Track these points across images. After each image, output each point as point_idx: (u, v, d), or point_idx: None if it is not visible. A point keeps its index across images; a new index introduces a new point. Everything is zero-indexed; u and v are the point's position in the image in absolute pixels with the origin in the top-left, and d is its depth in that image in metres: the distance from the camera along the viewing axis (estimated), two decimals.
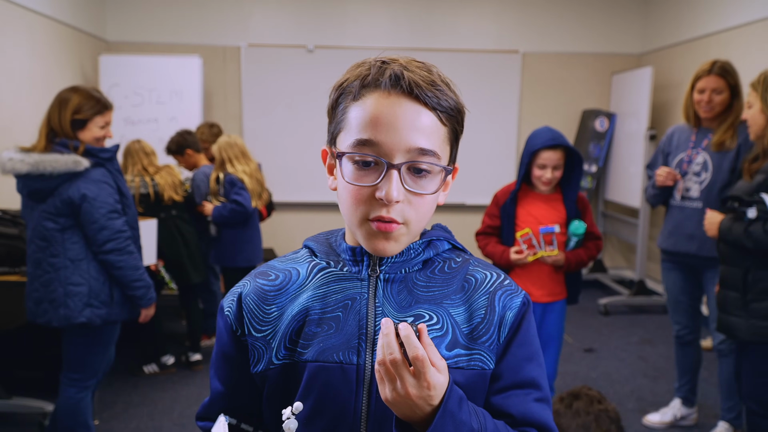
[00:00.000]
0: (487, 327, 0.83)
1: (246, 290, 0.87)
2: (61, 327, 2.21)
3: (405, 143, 0.76)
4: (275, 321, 0.84)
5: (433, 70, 0.80)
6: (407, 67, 0.78)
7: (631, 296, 4.86)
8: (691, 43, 4.68)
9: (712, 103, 2.58)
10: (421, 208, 0.80)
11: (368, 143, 0.76)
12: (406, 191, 0.78)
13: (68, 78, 4.26)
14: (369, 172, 0.77)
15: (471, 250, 1.00)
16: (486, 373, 0.82)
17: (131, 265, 2.22)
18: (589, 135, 5.24)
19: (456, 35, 5.30)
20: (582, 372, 3.57)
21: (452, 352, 0.81)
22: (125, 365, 3.52)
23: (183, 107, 4.61)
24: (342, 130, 0.80)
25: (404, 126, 0.76)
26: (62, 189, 2.13)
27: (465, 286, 0.85)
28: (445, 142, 0.81)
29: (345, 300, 0.83)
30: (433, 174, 0.79)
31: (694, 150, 2.68)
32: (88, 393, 2.34)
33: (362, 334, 0.81)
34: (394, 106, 0.76)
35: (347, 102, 0.80)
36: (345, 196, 0.80)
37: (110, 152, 2.22)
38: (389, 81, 0.77)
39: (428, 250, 0.87)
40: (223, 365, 0.89)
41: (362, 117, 0.77)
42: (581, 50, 5.42)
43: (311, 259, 0.88)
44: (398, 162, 0.76)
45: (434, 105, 0.78)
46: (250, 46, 5.12)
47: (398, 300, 0.83)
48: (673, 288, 2.83)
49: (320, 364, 0.80)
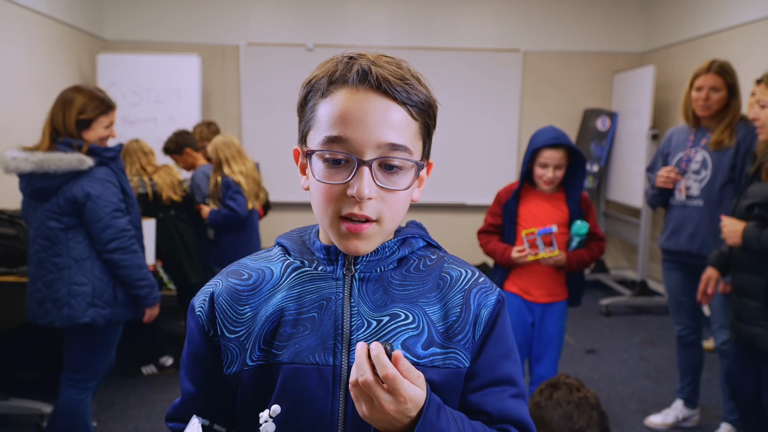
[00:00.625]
0: (462, 325, 0.83)
1: (218, 290, 0.86)
2: (63, 327, 2.22)
3: (375, 139, 0.76)
4: (249, 322, 0.84)
5: (403, 65, 0.80)
6: (375, 62, 0.78)
7: (632, 297, 4.87)
8: (693, 41, 4.69)
9: (709, 101, 2.60)
10: (395, 205, 0.79)
11: (338, 140, 0.76)
12: (378, 188, 0.77)
13: (66, 77, 4.27)
14: (340, 170, 0.77)
15: (473, 249, 1.01)
16: (461, 371, 0.83)
17: (135, 264, 2.24)
18: (591, 134, 5.26)
19: (456, 34, 5.31)
20: (583, 373, 3.58)
21: (428, 351, 0.81)
22: (123, 366, 3.52)
23: (181, 106, 4.62)
24: (311, 128, 0.80)
25: (374, 121, 0.76)
26: (66, 188, 2.14)
27: (440, 284, 0.85)
28: (417, 137, 0.80)
29: (320, 300, 0.82)
30: (406, 169, 0.79)
31: (692, 149, 2.70)
32: (88, 394, 2.35)
33: (338, 334, 0.81)
34: (362, 101, 0.76)
35: (316, 99, 0.79)
36: (316, 195, 0.80)
37: (114, 151, 2.23)
38: (356, 76, 0.76)
39: (403, 248, 0.87)
40: (194, 366, 0.88)
41: (331, 114, 0.77)
42: (583, 49, 5.43)
43: (285, 258, 0.88)
44: (369, 158, 0.76)
45: (404, 99, 0.77)
46: (249, 45, 5.13)
47: (374, 299, 0.83)
48: (675, 288, 2.84)
49: (296, 366, 0.80)
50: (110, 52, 4.83)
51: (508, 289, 2.50)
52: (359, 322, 0.81)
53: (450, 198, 5.42)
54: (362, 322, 0.81)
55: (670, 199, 2.78)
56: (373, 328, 0.81)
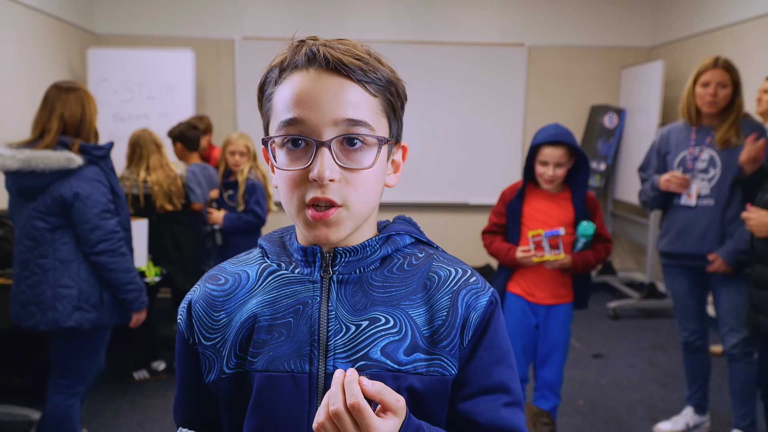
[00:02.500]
0: (449, 330, 0.80)
1: (195, 296, 0.86)
2: (48, 331, 2.21)
3: (331, 116, 0.75)
4: (224, 328, 0.83)
5: (360, 46, 0.79)
6: (327, 44, 0.78)
7: (641, 299, 4.86)
8: (704, 35, 4.69)
9: (716, 97, 2.60)
10: (361, 186, 0.77)
11: (293, 122, 0.76)
12: (340, 168, 0.75)
13: (55, 72, 4.27)
14: (299, 155, 0.76)
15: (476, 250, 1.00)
16: (447, 379, 0.80)
17: (123, 268, 2.23)
18: (598, 132, 5.25)
19: (459, 28, 5.30)
20: (590, 378, 3.58)
21: (411, 357, 0.79)
22: (115, 371, 3.52)
23: (175, 103, 4.61)
24: (270, 119, 0.80)
25: (327, 99, 0.75)
26: (54, 187, 2.14)
27: (427, 285, 0.82)
28: (379, 114, 0.79)
29: (296, 305, 0.81)
30: (368, 146, 0.77)
31: (697, 147, 2.69)
32: (76, 400, 2.34)
33: (314, 340, 0.79)
34: (314, 81, 0.76)
35: (270, 88, 0.80)
36: (281, 186, 0.79)
37: (104, 150, 2.23)
38: (305, 58, 0.77)
39: (386, 246, 0.84)
40: (180, 374, 0.90)
41: (284, 98, 0.77)
42: (589, 43, 5.42)
43: (262, 261, 0.87)
44: (327, 138, 0.75)
45: (359, 78, 0.76)
46: (245, 39, 5.12)
47: (352, 303, 0.81)
48: (681, 293, 2.83)
49: (270, 374, 0.79)
50: (101, 47, 4.82)
51: (511, 290, 2.49)
52: (337, 327, 0.79)
53: (452, 197, 5.42)
54: (340, 327, 0.79)
55: (674, 200, 2.77)
56: (351, 334, 0.79)
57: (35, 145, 2.13)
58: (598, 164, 5.22)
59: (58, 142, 2.14)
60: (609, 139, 5.21)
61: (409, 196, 5.25)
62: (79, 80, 4.56)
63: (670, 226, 2.79)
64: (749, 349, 2.65)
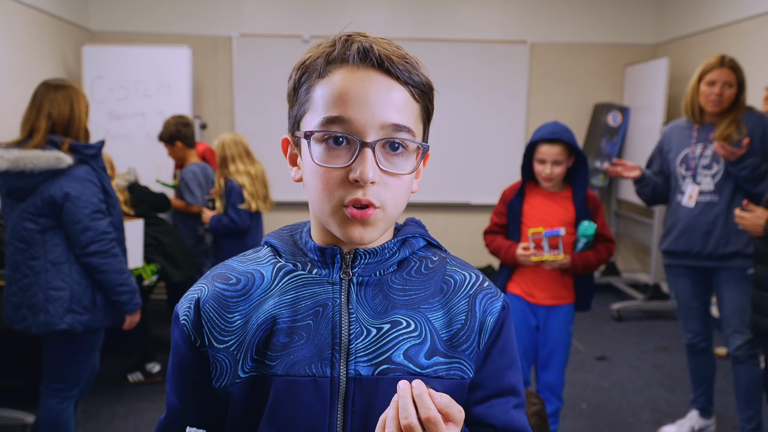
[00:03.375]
0: (468, 334, 0.82)
1: (204, 295, 0.84)
2: (40, 334, 2.21)
3: (378, 119, 0.75)
4: (239, 330, 0.81)
5: (402, 47, 0.80)
6: (375, 42, 0.77)
7: (645, 301, 4.86)
8: (710, 32, 4.68)
9: (722, 97, 2.61)
10: (398, 191, 0.78)
11: (338, 121, 0.75)
12: (381, 172, 0.76)
13: (50, 70, 4.26)
14: (339, 153, 0.75)
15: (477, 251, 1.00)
16: (465, 382, 0.82)
17: (116, 269, 2.22)
18: (601, 130, 5.24)
19: (460, 24, 5.29)
20: (593, 381, 3.57)
21: (431, 361, 0.80)
22: (110, 374, 3.51)
23: (171, 101, 4.60)
24: (307, 111, 0.78)
25: (376, 101, 0.75)
26: (43, 187, 2.13)
27: (444, 288, 0.84)
28: (419, 120, 0.80)
29: (316, 307, 0.80)
30: (409, 152, 0.78)
31: (699, 145, 2.70)
32: (70, 404, 2.34)
33: (336, 343, 0.79)
34: (363, 80, 0.75)
35: (311, 81, 0.78)
36: (314, 182, 0.77)
37: (95, 148, 2.22)
38: (357, 55, 0.75)
39: (404, 249, 0.85)
40: (181, 379, 0.86)
41: (330, 94, 0.76)
42: (593, 40, 5.42)
43: (275, 260, 0.85)
44: (372, 140, 0.74)
45: (406, 80, 0.77)
46: (243, 36, 5.12)
47: (373, 305, 0.81)
48: (685, 294, 2.82)
49: (290, 379, 0.78)
50: (96, 44, 4.81)
51: (510, 290, 2.49)
52: (358, 330, 0.79)
53: (453, 197, 5.41)
54: (361, 330, 0.79)
55: (677, 197, 2.77)
56: (373, 337, 0.79)
57: (24, 145, 2.12)
58: (601, 163, 5.21)
59: (48, 141, 2.14)
60: (613, 138, 5.21)
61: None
62: (74, 78, 4.56)
63: (673, 224, 2.79)
64: (754, 351, 2.65)
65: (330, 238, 0.82)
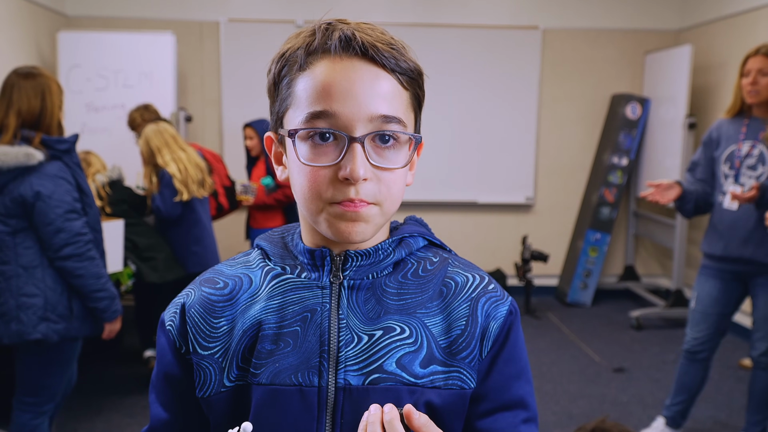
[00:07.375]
0: (468, 341, 0.82)
1: (190, 300, 0.85)
2: (12, 344, 2.21)
3: (365, 111, 0.75)
4: (225, 336, 0.83)
5: (386, 32, 0.80)
6: (358, 29, 0.77)
7: (666, 308, 4.85)
8: (736, 17, 4.67)
9: (757, 86, 2.62)
10: (392, 186, 0.78)
11: (322, 115, 0.75)
12: (372, 167, 0.76)
13: (22, 58, 4.26)
14: (327, 150, 0.76)
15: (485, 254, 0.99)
16: (466, 392, 0.81)
17: (92, 273, 2.22)
18: (619, 123, 5.24)
19: (467, 9, 5.29)
20: (610, 395, 3.57)
21: (427, 370, 0.80)
22: (87, 386, 3.51)
23: (153, 91, 4.60)
24: (290, 107, 0.79)
25: (362, 92, 0.75)
26: (12, 186, 2.12)
27: (443, 291, 0.84)
28: (409, 109, 0.80)
29: (304, 312, 0.81)
30: (401, 144, 0.79)
31: (747, 142, 2.70)
32: (44, 419, 2.34)
33: (324, 351, 0.79)
34: (347, 70, 0.75)
35: (292, 74, 0.78)
36: (301, 182, 0.78)
37: (68, 143, 2.22)
38: (339, 44, 0.76)
39: (400, 250, 0.85)
40: (166, 388, 0.87)
41: (312, 87, 0.76)
42: (610, 26, 5.41)
43: (264, 263, 0.86)
44: (360, 134, 0.75)
45: (393, 67, 0.77)
46: (231, 22, 5.12)
47: (364, 311, 0.81)
48: (706, 298, 2.85)
49: (274, 388, 0.79)
50: (72, 30, 4.81)
51: None
52: (348, 336, 0.80)
53: (458, 195, 5.40)
54: (352, 337, 0.80)
55: (719, 199, 2.79)
56: (364, 344, 0.80)
57: None
58: (619, 159, 5.21)
59: (24, 137, 2.14)
60: (632, 132, 5.21)
61: (410, 194, 5.24)
62: (49, 67, 4.55)
63: (714, 226, 2.82)
64: None
65: (321, 239, 0.83)
